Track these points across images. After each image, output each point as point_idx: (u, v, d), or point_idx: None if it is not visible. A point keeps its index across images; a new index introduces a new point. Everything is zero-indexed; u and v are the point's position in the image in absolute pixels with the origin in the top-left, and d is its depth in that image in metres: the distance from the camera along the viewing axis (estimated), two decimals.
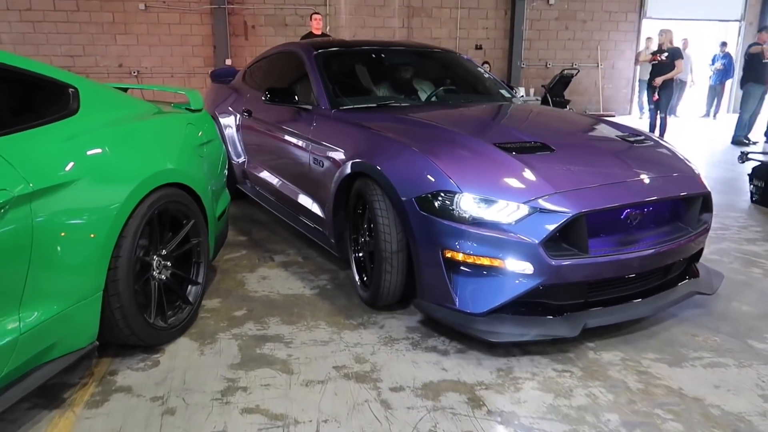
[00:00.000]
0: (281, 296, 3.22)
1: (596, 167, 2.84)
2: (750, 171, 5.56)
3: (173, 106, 3.24)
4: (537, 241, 2.46)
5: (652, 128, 8.70)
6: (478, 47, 13.10)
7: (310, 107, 3.76)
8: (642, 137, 3.34)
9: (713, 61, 13.46)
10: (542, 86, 12.97)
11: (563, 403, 2.24)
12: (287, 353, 2.59)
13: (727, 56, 13.31)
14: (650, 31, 13.26)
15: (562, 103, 12.78)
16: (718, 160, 8.02)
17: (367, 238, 3.04)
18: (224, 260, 3.76)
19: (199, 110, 3.21)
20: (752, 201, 5.46)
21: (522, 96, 12.63)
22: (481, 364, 2.52)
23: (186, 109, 3.17)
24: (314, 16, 8.54)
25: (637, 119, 13.13)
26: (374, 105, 3.82)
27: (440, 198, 2.59)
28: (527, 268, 2.49)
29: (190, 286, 2.83)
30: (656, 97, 8.52)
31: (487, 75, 4.68)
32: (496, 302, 2.54)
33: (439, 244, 2.59)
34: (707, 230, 3.05)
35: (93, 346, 2.26)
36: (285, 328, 2.84)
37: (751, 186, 5.49)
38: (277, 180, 4.16)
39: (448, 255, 2.58)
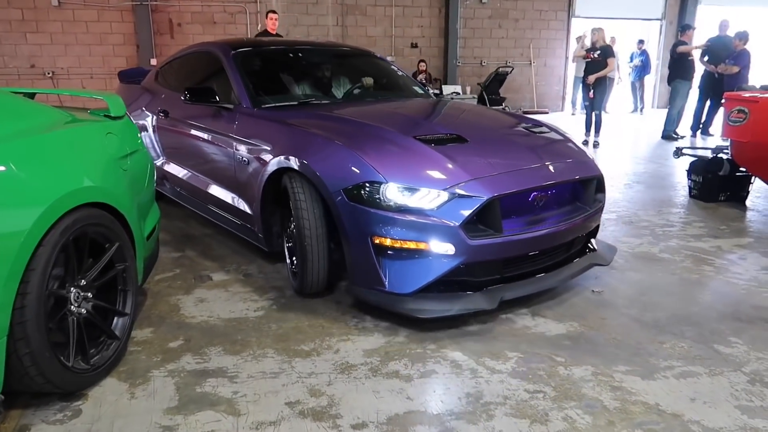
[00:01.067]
0: (222, 321, 2.91)
1: (505, 155, 3.09)
2: (687, 167, 5.66)
3: (90, 113, 2.87)
4: (457, 224, 2.67)
5: (588, 126, 8.82)
6: (414, 45, 13.01)
7: (231, 106, 3.73)
8: (543, 128, 3.62)
9: (631, 59, 13.95)
10: (478, 84, 13.04)
11: (540, 430, 2.06)
12: (232, 390, 2.30)
13: (644, 53, 13.81)
14: (580, 29, 13.60)
15: (498, 101, 12.88)
16: (651, 155, 8.22)
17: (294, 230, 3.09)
18: (156, 281, 3.40)
19: (121, 117, 2.84)
20: (691, 196, 5.57)
21: (456, 94, 12.65)
22: (449, 389, 2.31)
23: (105, 116, 2.80)
24: (270, 14, 8.38)
25: (570, 115, 13.44)
26: (295, 103, 3.89)
27: (367, 188, 2.74)
28: (449, 249, 2.68)
29: (116, 318, 2.48)
30: (591, 94, 8.65)
31: (400, 73, 4.81)
32: (423, 282, 2.72)
33: (368, 232, 2.74)
34: (602, 208, 3.39)
35: None
36: (228, 359, 2.54)
37: (689, 181, 5.59)
38: (199, 179, 4.11)
39: (377, 241, 2.73)
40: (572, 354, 2.59)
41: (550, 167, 3.04)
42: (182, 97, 3.75)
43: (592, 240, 3.44)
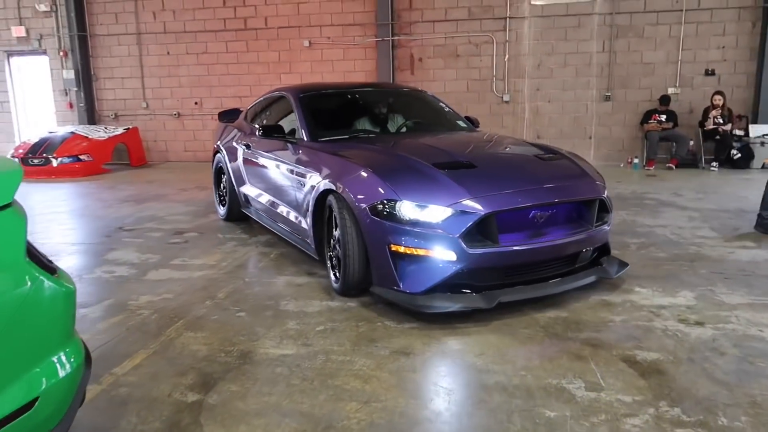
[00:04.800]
0: None
1: (507, 179, 3.55)
2: None
3: None
4: (457, 235, 3.21)
5: None
6: (710, 73, 9.90)
7: (295, 140, 4.45)
8: (555, 155, 4.02)
9: None
10: None
11: None
12: None
13: None
14: None
15: None
16: None
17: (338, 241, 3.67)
18: None
19: None
20: None
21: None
22: None
23: None
24: None
25: None
26: (347, 136, 4.51)
27: (385, 205, 3.35)
28: (451, 255, 3.23)
29: None
30: None
31: (447, 109, 5.36)
32: (431, 283, 3.28)
33: (386, 241, 3.33)
34: (607, 227, 3.75)
35: None
36: None
37: None
38: (272, 201, 4.84)
39: (393, 248, 3.32)
40: None
41: (549, 189, 3.51)
42: (257, 132, 4.66)
43: (603, 258, 3.83)
